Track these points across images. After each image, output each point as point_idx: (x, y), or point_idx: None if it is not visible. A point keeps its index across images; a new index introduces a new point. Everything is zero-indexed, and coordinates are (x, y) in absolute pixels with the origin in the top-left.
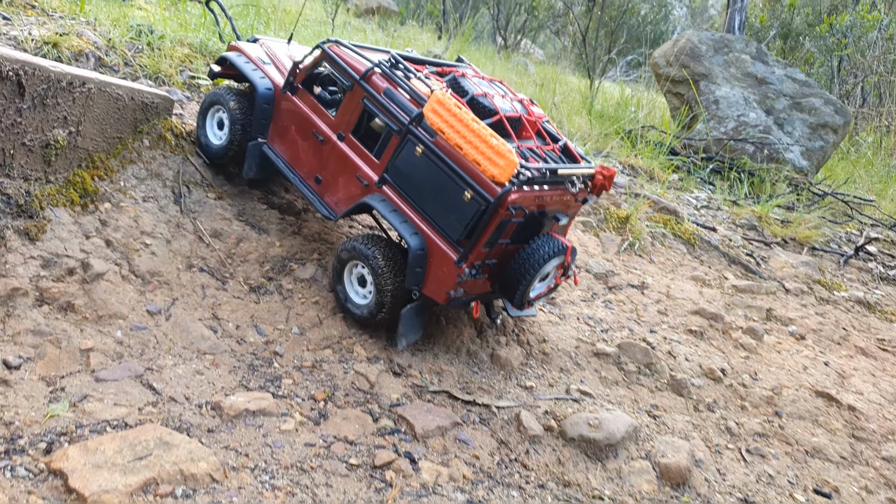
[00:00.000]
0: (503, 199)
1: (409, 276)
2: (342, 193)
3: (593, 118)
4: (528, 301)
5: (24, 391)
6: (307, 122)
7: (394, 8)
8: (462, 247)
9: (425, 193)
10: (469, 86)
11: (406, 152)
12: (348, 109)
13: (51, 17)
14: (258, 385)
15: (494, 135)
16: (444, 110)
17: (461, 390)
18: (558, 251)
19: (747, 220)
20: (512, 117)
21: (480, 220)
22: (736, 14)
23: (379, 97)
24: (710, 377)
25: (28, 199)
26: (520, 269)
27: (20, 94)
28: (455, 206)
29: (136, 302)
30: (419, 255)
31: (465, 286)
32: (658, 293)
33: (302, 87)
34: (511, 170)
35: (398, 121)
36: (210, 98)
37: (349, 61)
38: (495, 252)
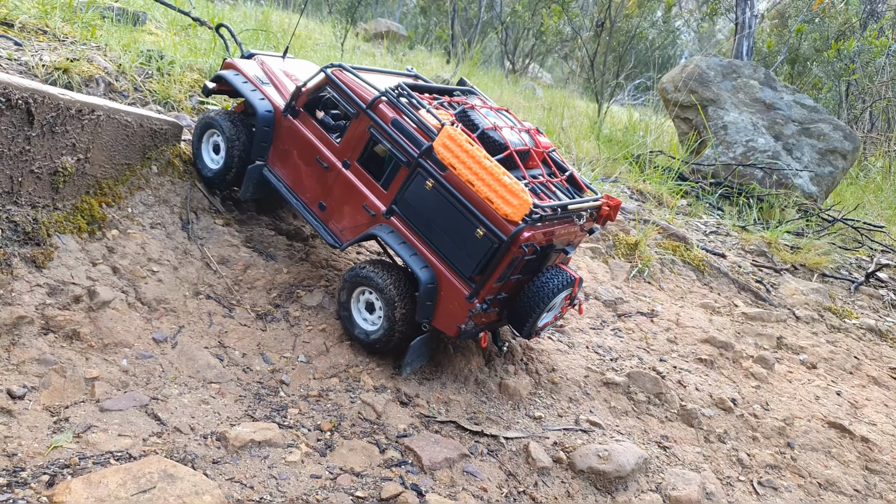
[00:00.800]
0: (517, 237)
1: (419, 310)
2: (348, 222)
3: (601, 143)
4: (537, 332)
5: (27, 421)
6: (310, 148)
7: (403, 32)
8: (474, 282)
9: (435, 227)
10: (479, 119)
11: (415, 185)
12: (354, 137)
13: (62, 42)
14: (264, 415)
15: (507, 173)
16: (455, 146)
17: (469, 420)
18: (567, 284)
19: (757, 246)
20: (521, 150)
21: (493, 257)
22: (744, 40)
23: (386, 127)
24: (721, 407)
25: (35, 227)
26: (530, 302)
27: (29, 122)
28: (467, 242)
29: (143, 330)
30: (430, 289)
31: (474, 319)
32: (667, 321)
33: (304, 110)
34: (524, 209)
35: (407, 153)
36: (204, 122)
37: (355, 88)
38: (506, 286)
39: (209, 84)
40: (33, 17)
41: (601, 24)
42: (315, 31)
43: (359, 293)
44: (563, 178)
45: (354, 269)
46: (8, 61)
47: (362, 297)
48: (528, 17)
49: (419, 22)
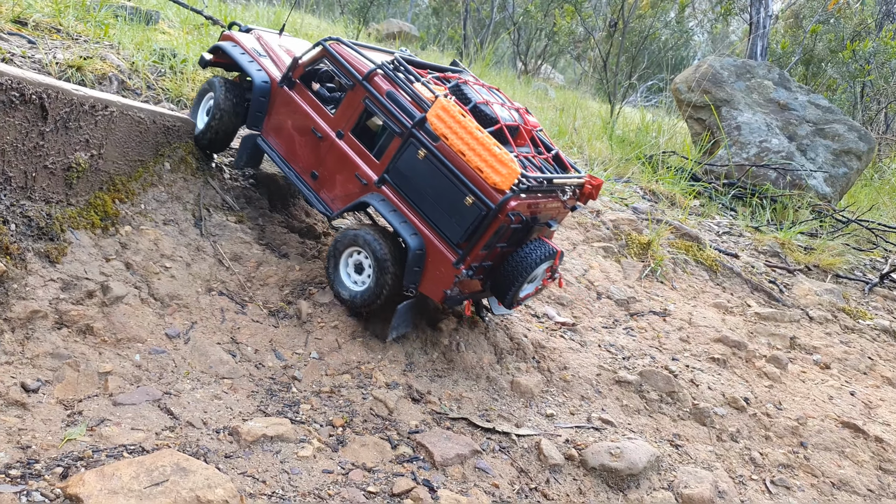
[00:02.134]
0: (504, 205)
1: (407, 275)
2: (339, 191)
3: (614, 143)
4: (518, 301)
5: (41, 414)
6: (305, 118)
7: (415, 33)
8: (461, 249)
9: (426, 196)
10: (472, 93)
11: (408, 155)
12: (349, 108)
13: (75, 41)
14: (276, 410)
15: (497, 144)
16: (448, 117)
17: (481, 417)
18: (548, 255)
19: (770, 246)
20: (511, 126)
21: (481, 224)
22: (758, 40)
23: (382, 99)
24: (734, 406)
25: (49, 222)
26: (512, 272)
27: (43, 118)
28: (456, 210)
29: (155, 325)
30: (418, 255)
31: (459, 286)
32: (680, 320)
33: (300, 82)
34: (513, 178)
35: (401, 123)
36: (204, 85)
37: (351, 61)
38: (491, 255)
39: (206, 55)
40: (47, 15)
41: (614, 24)
42: (327, 32)
43: (349, 253)
44: (549, 157)
45: (351, 229)
46: (22, 59)
47: (351, 258)
48: (540, 17)
49: (431, 22)
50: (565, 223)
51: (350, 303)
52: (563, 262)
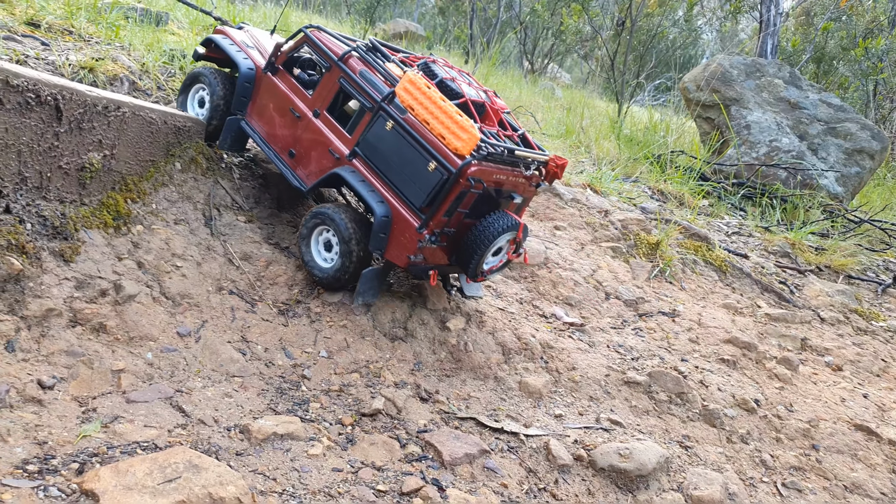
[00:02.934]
0: (464, 169)
1: (373, 241)
2: (314, 166)
3: (622, 143)
4: (482, 273)
5: (57, 411)
6: (285, 101)
7: (421, 33)
8: (424, 213)
9: (392, 164)
10: (439, 71)
11: (377, 127)
12: (325, 88)
13: (87, 42)
14: (286, 408)
15: (460, 112)
16: (414, 89)
17: (489, 417)
18: (511, 226)
19: (780, 247)
20: (477, 102)
21: (442, 188)
22: (768, 38)
23: (355, 77)
24: (744, 408)
25: (63, 221)
26: (475, 241)
27: (58, 119)
28: (419, 176)
29: (167, 324)
30: (384, 221)
31: (424, 253)
32: (689, 321)
33: (283, 68)
34: (473, 143)
35: (371, 98)
36: (192, 74)
37: (329, 45)
38: (454, 221)
39: (199, 49)
40: (59, 17)
41: (622, 23)
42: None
43: (319, 232)
44: (515, 135)
45: (316, 208)
46: (36, 60)
47: (321, 236)
48: (547, 16)
49: (437, 22)
50: (573, 223)
51: (322, 280)
52: (527, 237)
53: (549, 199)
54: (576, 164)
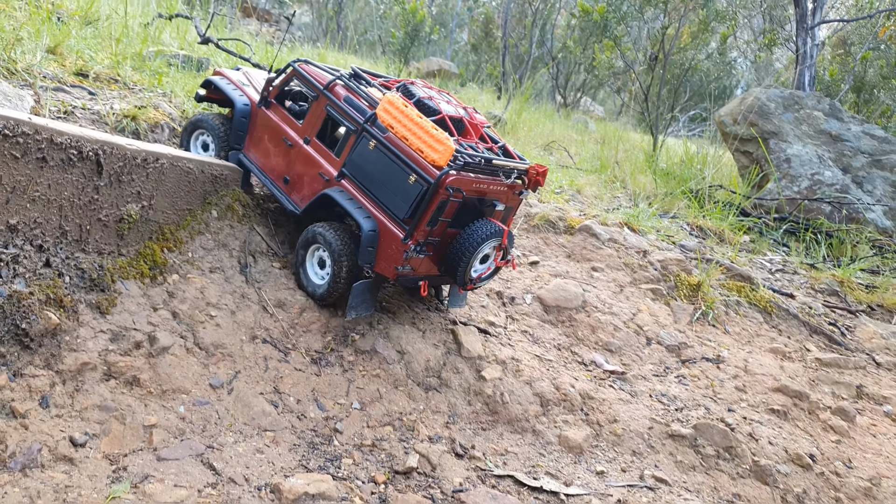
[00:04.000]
0: (442, 179)
1: (362, 255)
2: (307, 190)
3: (658, 177)
4: (471, 280)
5: (88, 470)
6: (278, 131)
7: (454, 70)
8: (408, 225)
9: (376, 181)
10: (416, 91)
11: (361, 147)
12: (314, 116)
13: (131, 90)
14: (318, 465)
15: (436, 127)
16: (393, 108)
17: (527, 475)
18: (495, 233)
19: (828, 285)
20: (454, 118)
21: (423, 199)
22: (806, 70)
23: (340, 103)
24: (798, 463)
25: (101, 273)
26: (460, 249)
27: (98, 173)
28: (402, 189)
29: (200, 375)
30: (371, 235)
31: (412, 264)
32: (735, 367)
33: (275, 101)
34: (448, 154)
35: (355, 121)
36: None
37: (316, 76)
38: (437, 231)
39: (200, 91)
40: (106, 67)
41: (654, 57)
42: None
43: (313, 251)
44: (495, 147)
45: (309, 228)
46: (82, 111)
47: (315, 254)
48: (579, 51)
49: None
50: (611, 264)
51: (317, 296)
52: (513, 243)
53: (585, 239)
54: (612, 199)
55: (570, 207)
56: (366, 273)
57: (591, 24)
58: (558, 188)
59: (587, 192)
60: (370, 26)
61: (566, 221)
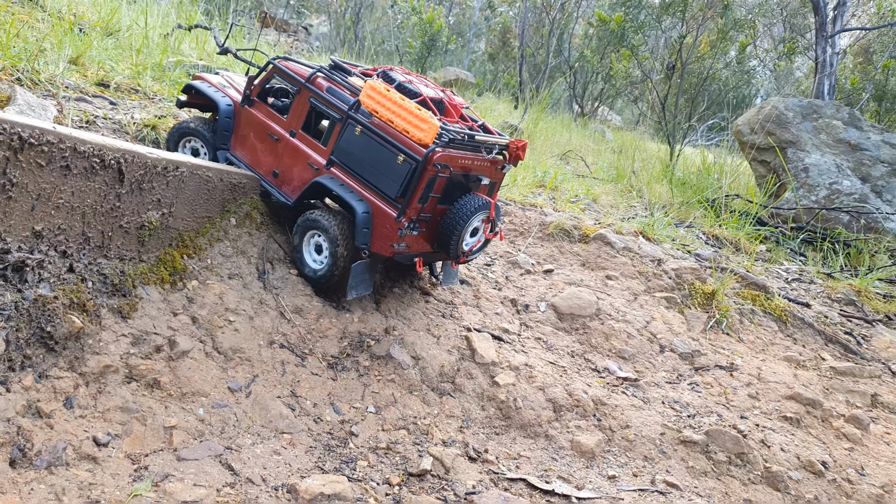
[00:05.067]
0: (430, 156)
1: (358, 236)
2: (297, 181)
3: (674, 186)
4: (463, 253)
5: (110, 469)
6: (264, 127)
7: (471, 80)
8: (399, 203)
9: (365, 165)
10: (396, 76)
11: (347, 134)
12: (297, 109)
13: (151, 100)
14: (334, 467)
15: (419, 107)
16: (376, 94)
17: (540, 478)
18: (482, 206)
19: (844, 294)
20: (435, 99)
21: (412, 177)
22: (825, 79)
23: (323, 94)
24: (810, 470)
25: (122, 279)
26: (451, 223)
27: (120, 181)
28: (391, 170)
29: (219, 379)
30: (365, 217)
31: (406, 241)
32: (748, 375)
33: (258, 99)
34: (434, 132)
35: (340, 110)
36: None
37: (297, 70)
38: (428, 207)
39: (181, 97)
40: (127, 77)
41: (672, 66)
42: None
43: (310, 236)
44: (476, 125)
45: (306, 214)
46: (104, 120)
47: (312, 240)
48: (596, 61)
49: (487, 69)
50: (625, 272)
51: (315, 280)
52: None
53: (600, 247)
54: (628, 208)
55: (585, 216)
56: (363, 254)
57: (609, 33)
58: (574, 197)
59: (603, 201)
60: (387, 36)
61: (581, 230)
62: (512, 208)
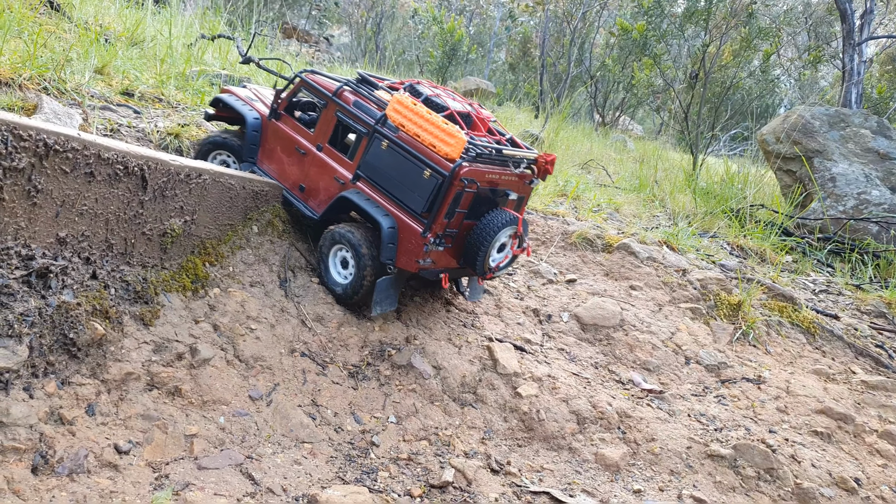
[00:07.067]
0: (457, 171)
1: (383, 252)
2: (323, 195)
3: (698, 196)
4: (490, 269)
5: (131, 477)
6: (291, 141)
7: (492, 89)
8: (426, 219)
9: (392, 179)
10: (423, 90)
11: (374, 148)
12: (324, 123)
13: (175, 109)
14: (354, 477)
15: (446, 121)
16: (402, 108)
17: (563, 492)
18: (510, 221)
19: (874, 306)
20: (462, 113)
21: (439, 192)
22: (853, 88)
23: (350, 108)
24: (843, 487)
25: (144, 286)
26: (478, 239)
27: (143, 188)
28: (417, 185)
29: (240, 387)
30: (391, 232)
31: (432, 256)
32: (776, 388)
33: (285, 113)
34: (461, 146)
35: (366, 124)
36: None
37: (324, 84)
38: (455, 222)
39: (209, 110)
40: (151, 86)
41: (695, 76)
42: None
43: (335, 251)
44: (503, 139)
45: (333, 228)
46: (128, 128)
47: (338, 254)
48: (618, 70)
49: (507, 78)
50: (650, 283)
51: (341, 295)
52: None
53: (623, 257)
54: (651, 218)
55: (608, 226)
56: (388, 269)
57: (631, 42)
58: (596, 206)
59: (625, 211)
60: (408, 46)
61: (604, 239)
62: (534, 217)
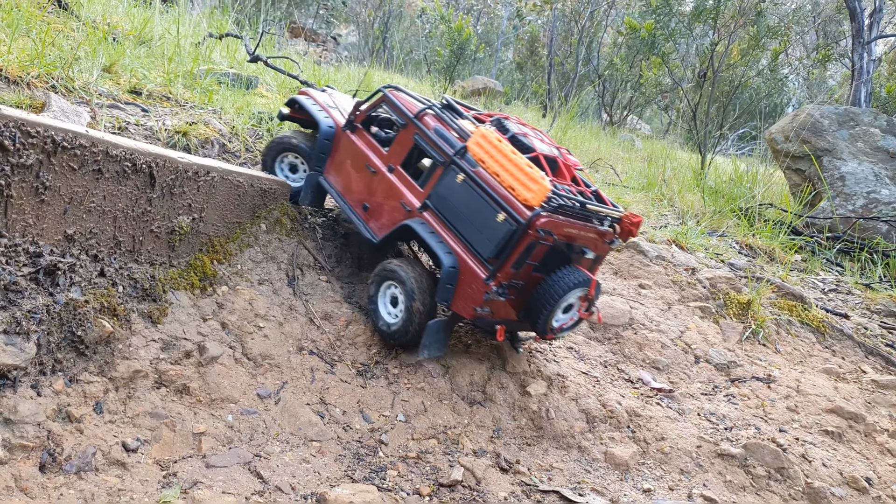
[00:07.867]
0: (533, 220)
1: (440, 292)
2: (386, 219)
3: (706, 195)
4: (552, 330)
5: (139, 475)
6: (362, 157)
7: (499, 89)
8: (492, 265)
9: (462, 216)
10: (511, 126)
11: (448, 180)
12: (400, 144)
13: (182, 107)
14: (363, 476)
15: (530, 164)
16: (486, 143)
17: (573, 491)
18: (582, 282)
19: (884, 305)
20: (549, 157)
21: (511, 240)
22: (862, 86)
23: (429, 133)
24: (854, 487)
25: (152, 283)
26: (544, 296)
27: (151, 185)
28: (488, 227)
29: (248, 385)
30: (451, 272)
31: (492, 306)
32: (787, 387)
33: (361, 126)
34: (543, 194)
35: (444, 153)
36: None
37: (405, 103)
38: (522, 274)
39: (283, 109)
40: (159, 85)
41: (703, 74)
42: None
43: (385, 287)
44: (588, 191)
45: (384, 263)
46: (136, 127)
47: (388, 291)
48: (626, 69)
49: (515, 77)
50: (659, 281)
51: (387, 334)
52: (599, 294)
53: (632, 256)
54: (659, 217)
55: None
56: (441, 311)
57: (639, 41)
58: None
59: (634, 210)
60: (416, 45)
61: None
62: None
